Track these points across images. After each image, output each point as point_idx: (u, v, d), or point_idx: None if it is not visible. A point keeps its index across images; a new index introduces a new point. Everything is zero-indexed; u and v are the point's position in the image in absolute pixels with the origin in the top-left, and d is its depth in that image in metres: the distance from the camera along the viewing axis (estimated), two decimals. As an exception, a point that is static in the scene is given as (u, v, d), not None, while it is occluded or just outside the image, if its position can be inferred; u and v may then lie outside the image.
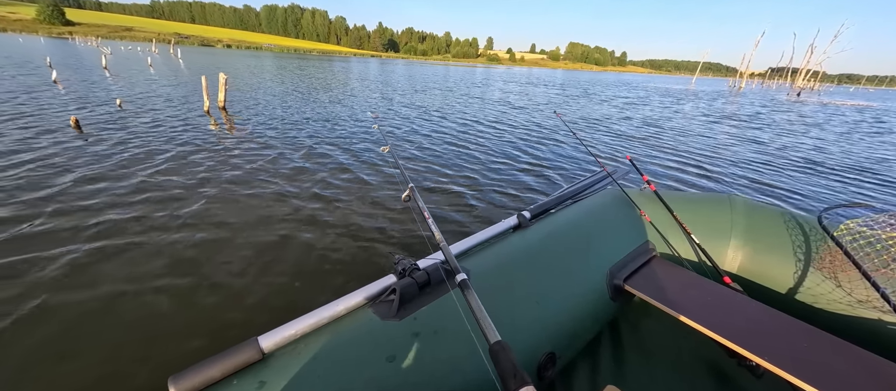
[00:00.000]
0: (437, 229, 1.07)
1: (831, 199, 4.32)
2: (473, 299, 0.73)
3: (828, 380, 1.00)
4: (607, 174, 2.04)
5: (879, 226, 1.29)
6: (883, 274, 1.24)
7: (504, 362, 0.59)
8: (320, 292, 2.11)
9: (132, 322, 1.84)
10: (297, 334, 0.87)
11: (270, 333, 0.85)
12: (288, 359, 0.82)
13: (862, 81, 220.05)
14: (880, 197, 4.60)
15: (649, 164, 5.38)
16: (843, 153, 7.17)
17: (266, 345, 0.82)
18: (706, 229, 1.66)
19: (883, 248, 1.26)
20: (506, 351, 0.61)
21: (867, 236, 1.29)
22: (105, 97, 8.06)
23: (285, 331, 0.86)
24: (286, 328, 0.87)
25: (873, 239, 1.28)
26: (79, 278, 2.11)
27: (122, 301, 1.96)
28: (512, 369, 0.57)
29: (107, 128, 5.37)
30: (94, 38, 68.48)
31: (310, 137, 5.69)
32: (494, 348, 0.62)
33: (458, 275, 0.82)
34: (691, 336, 1.33)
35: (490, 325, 0.67)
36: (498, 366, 0.60)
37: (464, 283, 0.79)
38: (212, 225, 2.73)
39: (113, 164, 3.86)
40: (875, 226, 1.31)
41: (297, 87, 13.71)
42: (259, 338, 0.82)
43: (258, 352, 0.80)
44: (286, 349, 0.85)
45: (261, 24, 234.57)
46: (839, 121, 13.27)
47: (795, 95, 30.05)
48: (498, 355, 0.61)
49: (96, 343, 1.70)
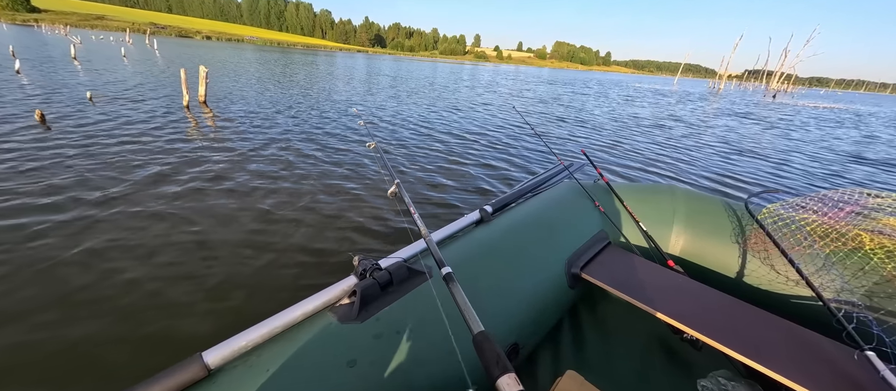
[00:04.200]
0: (423, 224, 1.05)
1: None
2: (458, 292, 0.73)
3: (755, 348, 1.12)
4: (564, 168, 2.14)
5: (794, 210, 1.45)
6: (798, 251, 1.40)
7: (488, 352, 0.60)
8: (283, 300, 1.85)
9: (63, 343, 1.59)
10: (248, 346, 0.83)
11: (216, 347, 0.80)
12: (238, 373, 0.77)
13: (831, 85, 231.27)
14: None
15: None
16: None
17: (212, 360, 0.77)
18: (653, 217, 1.80)
19: (797, 228, 1.41)
20: (489, 341, 0.62)
21: (784, 218, 1.45)
22: (74, 90, 7.74)
23: (234, 344, 0.81)
24: (235, 341, 0.82)
25: (789, 220, 1.44)
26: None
27: (45, 322, 1.71)
28: (495, 357, 0.58)
29: (75, 122, 5.16)
30: (62, 26, 64.75)
31: (294, 135, 5.60)
32: (478, 338, 0.63)
33: (444, 269, 0.82)
34: (641, 316, 1.41)
35: (474, 316, 0.67)
36: (482, 357, 0.60)
37: (449, 276, 0.79)
38: (183, 229, 2.59)
39: (79, 161, 3.71)
40: (790, 209, 1.46)
41: (281, 81, 13.46)
42: (203, 353, 0.77)
43: (202, 369, 0.75)
44: (236, 363, 0.80)
45: (242, 16, 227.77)
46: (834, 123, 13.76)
47: (771, 97, 30.88)
48: (482, 345, 0.62)
49: (20, 366, 1.48)
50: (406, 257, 1.18)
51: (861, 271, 1.31)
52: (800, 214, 1.44)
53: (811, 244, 1.38)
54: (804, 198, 1.50)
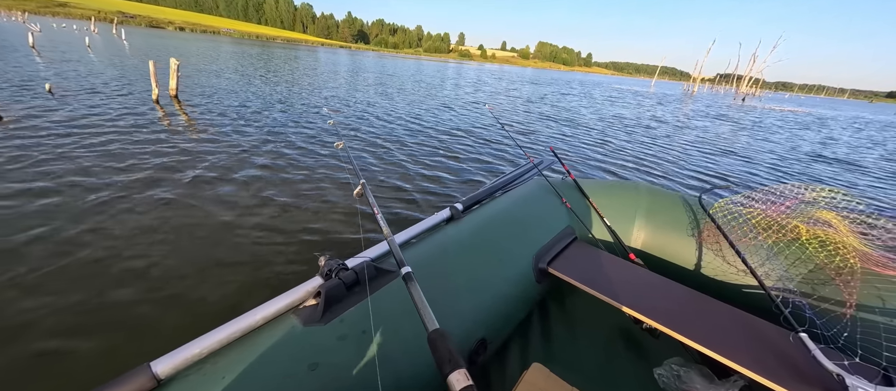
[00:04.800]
0: (386, 224, 1.05)
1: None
2: (416, 291, 0.73)
3: (706, 335, 1.19)
4: (534, 165, 2.18)
5: (742, 204, 1.56)
6: (744, 242, 1.50)
7: (441, 349, 0.61)
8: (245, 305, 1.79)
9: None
10: (202, 353, 0.80)
11: (166, 356, 0.76)
12: (190, 382, 0.74)
13: (794, 89, 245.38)
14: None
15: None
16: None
17: (161, 370, 0.74)
18: (617, 213, 1.87)
19: (744, 222, 1.52)
20: (443, 338, 0.62)
21: (733, 212, 1.55)
22: (32, 80, 7.28)
23: (186, 352, 0.78)
24: (187, 348, 0.79)
25: (737, 214, 1.54)
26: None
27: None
28: (447, 355, 0.59)
29: (31, 115, 4.86)
30: (19, 12, 60.44)
31: (268, 132, 5.43)
32: (432, 336, 0.63)
33: (404, 268, 0.81)
34: (604, 308, 1.45)
35: (430, 315, 0.68)
36: (435, 353, 0.61)
37: (408, 276, 0.79)
38: (146, 227, 2.50)
39: (32, 158, 3.49)
40: (739, 204, 1.57)
41: (259, 76, 13.09)
42: (152, 363, 0.74)
43: (151, 380, 0.72)
44: (188, 372, 0.77)
45: (219, 7, 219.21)
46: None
47: (741, 100, 32.02)
48: (435, 343, 0.62)
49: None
50: (374, 256, 1.18)
51: (798, 260, 1.42)
52: (747, 208, 1.55)
53: (756, 236, 1.48)
54: (753, 193, 1.61)
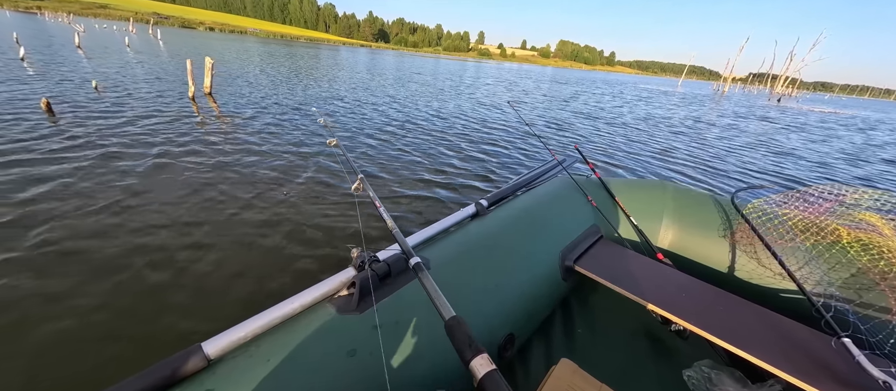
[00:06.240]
0: (390, 217, 1.06)
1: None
2: (428, 280, 0.74)
3: (738, 336, 1.17)
4: (558, 162, 2.18)
5: (778, 205, 1.52)
6: (780, 244, 1.46)
7: (459, 335, 0.61)
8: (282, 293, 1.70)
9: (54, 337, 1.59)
10: (247, 336, 0.83)
11: (217, 337, 0.80)
12: (239, 363, 0.78)
13: (835, 90, 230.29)
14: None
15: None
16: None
17: (212, 351, 0.78)
18: (643, 211, 1.85)
19: (780, 223, 1.48)
20: (461, 325, 0.62)
21: (769, 213, 1.51)
22: (80, 79, 7.78)
23: (234, 335, 0.82)
24: (235, 331, 0.83)
25: (772, 215, 1.50)
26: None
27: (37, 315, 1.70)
28: (467, 341, 0.60)
29: (82, 112, 5.19)
30: (65, 14, 64.60)
31: (299, 130, 5.55)
32: (449, 323, 0.64)
33: (412, 259, 0.82)
34: (631, 307, 1.44)
35: (444, 303, 0.68)
36: (454, 341, 0.61)
37: (418, 266, 0.80)
38: (183, 220, 2.60)
39: (87, 153, 3.75)
40: (774, 204, 1.53)
41: (286, 75, 13.48)
42: (203, 343, 0.78)
43: (203, 360, 0.76)
44: (236, 353, 0.80)
45: (246, 8, 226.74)
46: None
47: (776, 101, 30.32)
48: (453, 330, 0.62)
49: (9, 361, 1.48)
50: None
51: (839, 263, 1.37)
52: (783, 209, 1.51)
53: (793, 238, 1.44)
54: (787, 194, 1.56)
